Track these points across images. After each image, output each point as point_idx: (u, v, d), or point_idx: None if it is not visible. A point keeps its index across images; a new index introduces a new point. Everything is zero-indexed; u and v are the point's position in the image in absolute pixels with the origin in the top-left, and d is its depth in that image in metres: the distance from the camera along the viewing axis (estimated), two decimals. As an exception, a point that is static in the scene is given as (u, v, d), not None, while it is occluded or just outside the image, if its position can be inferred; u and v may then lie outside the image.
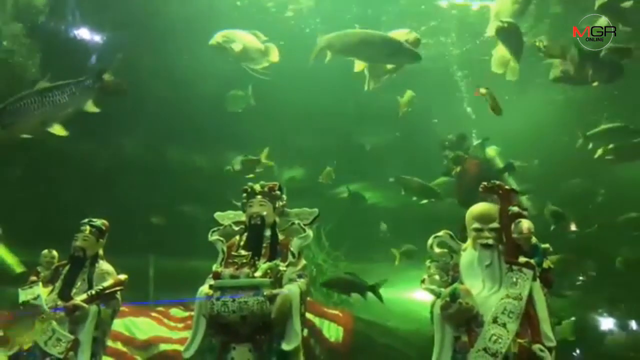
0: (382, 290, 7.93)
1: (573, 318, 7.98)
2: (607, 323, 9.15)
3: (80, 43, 8.77)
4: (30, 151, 8.30)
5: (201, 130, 9.27)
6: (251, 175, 8.02)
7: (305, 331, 6.70)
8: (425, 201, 9.32)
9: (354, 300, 8.96)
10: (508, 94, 8.70)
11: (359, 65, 8.15)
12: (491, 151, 8.94)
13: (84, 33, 8.83)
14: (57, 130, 6.40)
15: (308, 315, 6.86)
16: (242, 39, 8.06)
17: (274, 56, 8.18)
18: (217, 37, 7.92)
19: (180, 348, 4.01)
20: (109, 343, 5.75)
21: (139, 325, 6.57)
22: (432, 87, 9.83)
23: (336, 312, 7.71)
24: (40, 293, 4.12)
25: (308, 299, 6.71)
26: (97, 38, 8.87)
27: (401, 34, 7.74)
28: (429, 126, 10.32)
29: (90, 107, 6.68)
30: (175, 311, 7.21)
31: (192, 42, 8.50)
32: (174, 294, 7.34)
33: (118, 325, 6.28)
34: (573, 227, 9.63)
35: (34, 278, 4.27)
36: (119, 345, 6.19)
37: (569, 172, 9.88)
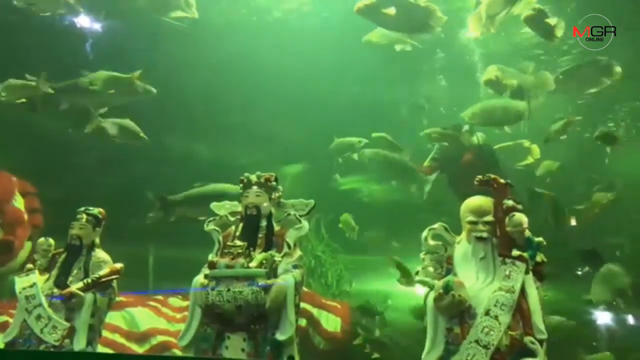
0: (379, 283, 8.01)
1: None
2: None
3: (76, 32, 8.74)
4: (31, 139, 8.33)
5: (200, 119, 9.27)
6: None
7: (304, 321, 6.84)
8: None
9: (353, 292, 9.02)
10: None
11: None
12: (479, 138, 8.98)
13: (80, 22, 8.76)
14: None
15: (306, 306, 6.96)
16: None
17: (194, 12, 8.07)
18: None
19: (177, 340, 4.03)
20: (107, 335, 5.83)
21: (136, 316, 6.61)
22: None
23: (334, 303, 7.77)
24: (37, 281, 4.14)
25: (307, 290, 6.77)
26: (95, 27, 8.81)
27: None
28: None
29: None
30: (174, 300, 7.26)
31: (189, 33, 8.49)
32: (174, 283, 7.37)
33: (116, 318, 6.34)
34: (573, 222, 9.58)
35: (30, 266, 4.27)
36: (117, 337, 6.23)
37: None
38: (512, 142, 9.08)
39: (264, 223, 4.06)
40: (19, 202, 7.13)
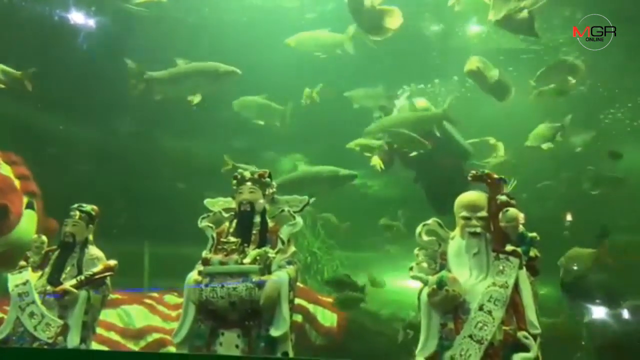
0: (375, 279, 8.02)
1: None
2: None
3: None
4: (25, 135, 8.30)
5: (195, 116, 9.27)
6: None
7: (300, 317, 6.85)
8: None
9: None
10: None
11: None
12: (422, 103, 8.55)
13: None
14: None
15: (303, 302, 6.98)
16: None
17: None
18: None
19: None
20: (103, 332, 5.82)
21: (132, 314, 6.61)
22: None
23: (330, 299, 7.77)
24: (30, 278, 4.13)
25: (302, 286, 6.75)
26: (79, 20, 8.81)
27: None
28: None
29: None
30: (170, 297, 7.26)
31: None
32: (169, 280, 7.36)
33: (112, 315, 6.34)
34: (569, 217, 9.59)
35: (23, 263, 4.26)
36: (112, 335, 6.23)
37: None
38: (478, 139, 9.02)
39: (257, 219, 4.03)
40: (5, 170, 6.95)
